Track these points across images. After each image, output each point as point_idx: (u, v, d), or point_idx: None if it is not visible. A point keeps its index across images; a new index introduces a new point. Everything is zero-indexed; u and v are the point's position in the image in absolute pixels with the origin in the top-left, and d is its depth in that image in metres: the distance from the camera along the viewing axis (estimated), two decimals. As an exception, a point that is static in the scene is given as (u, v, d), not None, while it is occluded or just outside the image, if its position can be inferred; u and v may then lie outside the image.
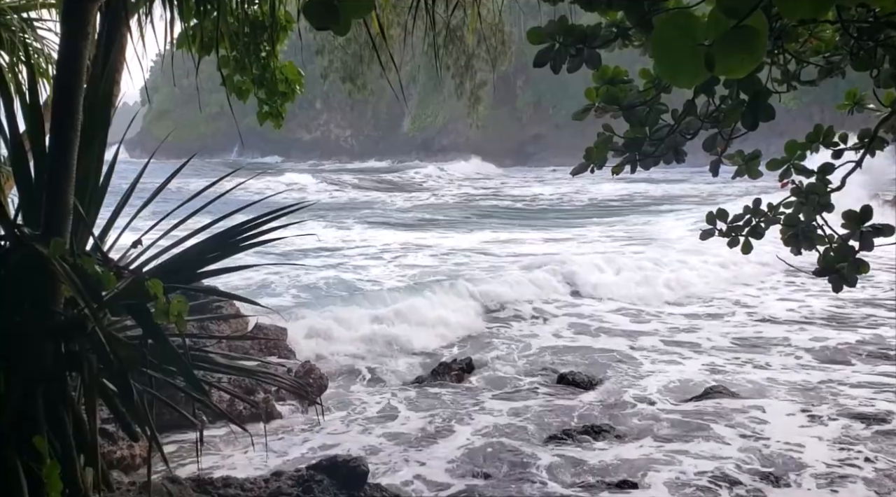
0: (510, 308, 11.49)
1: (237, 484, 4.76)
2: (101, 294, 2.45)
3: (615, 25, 2.48)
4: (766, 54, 2.56)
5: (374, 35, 3.85)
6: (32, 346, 2.56)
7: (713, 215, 3.06)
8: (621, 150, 2.77)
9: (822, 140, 2.89)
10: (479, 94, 16.83)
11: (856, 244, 2.70)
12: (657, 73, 1.37)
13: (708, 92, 2.53)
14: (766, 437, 6.29)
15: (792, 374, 8.19)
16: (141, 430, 2.71)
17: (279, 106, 4.48)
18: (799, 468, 5.70)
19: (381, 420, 7.23)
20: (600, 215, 25.78)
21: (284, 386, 5.03)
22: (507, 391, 7.92)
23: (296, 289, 12.74)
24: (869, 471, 5.63)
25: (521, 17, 16.97)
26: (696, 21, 1.04)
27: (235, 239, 3.14)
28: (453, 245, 18.03)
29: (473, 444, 6.35)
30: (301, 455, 6.22)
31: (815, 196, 2.86)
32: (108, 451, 5.27)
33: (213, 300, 6.47)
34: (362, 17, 2.69)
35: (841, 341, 9.41)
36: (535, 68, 2.57)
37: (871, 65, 2.60)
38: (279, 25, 4.19)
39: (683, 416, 6.87)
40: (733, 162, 2.92)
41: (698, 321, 10.83)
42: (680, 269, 13.58)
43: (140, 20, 3.86)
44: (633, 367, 8.58)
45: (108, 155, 3.11)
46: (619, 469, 5.72)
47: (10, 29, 4.17)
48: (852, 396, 7.34)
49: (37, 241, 2.48)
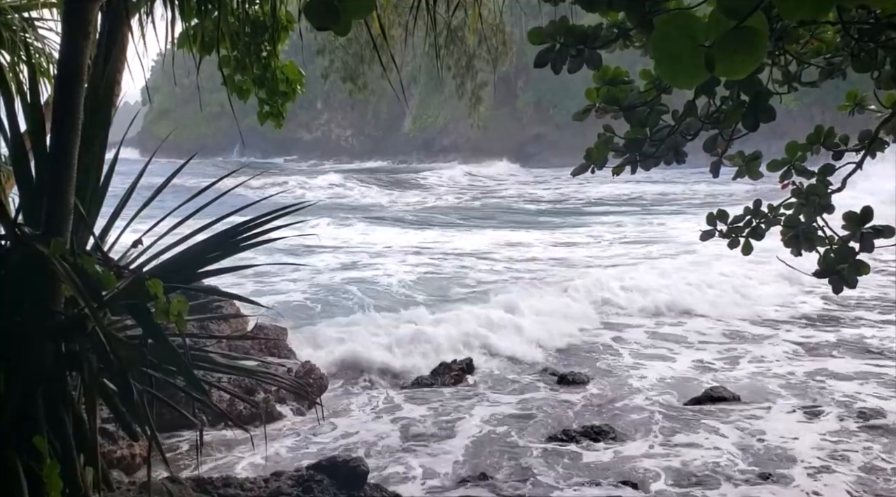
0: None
1: (237, 484, 4.76)
2: (101, 294, 2.45)
3: (616, 26, 2.48)
4: (767, 55, 2.56)
5: (376, 35, 3.86)
6: (32, 345, 2.56)
7: (713, 216, 3.06)
8: (622, 151, 2.77)
9: (822, 141, 2.89)
10: (479, 94, 16.81)
11: (856, 245, 2.69)
12: (657, 73, 1.37)
13: (709, 93, 2.53)
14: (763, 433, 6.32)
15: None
16: (141, 429, 2.71)
17: (280, 106, 4.48)
18: (791, 463, 5.74)
19: (382, 420, 7.23)
20: (607, 213, 25.60)
21: (284, 386, 5.04)
22: (507, 391, 7.92)
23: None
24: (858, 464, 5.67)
25: (523, 17, 16.96)
26: (697, 21, 1.04)
27: (236, 238, 3.14)
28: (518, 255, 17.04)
29: (474, 445, 6.36)
30: (301, 455, 6.22)
31: (816, 197, 2.86)
32: (109, 451, 5.27)
33: (213, 300, 6.46)
34: (363, 17, 2.69)
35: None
36: (535, 69, 2.57)
37: (872, 66, 2.60)
38: (280, 25, 4.19)
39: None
40: (734, 163, 2.92)
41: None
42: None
43: (141, 20, 3.86)
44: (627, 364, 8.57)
45: (108, 155, 3.11)
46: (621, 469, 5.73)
47: (12, 28, 4.17)
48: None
49: (37, 241, 2.48)
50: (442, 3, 4.20)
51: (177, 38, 4.04)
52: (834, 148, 2.89)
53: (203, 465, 5.80)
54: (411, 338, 9.42)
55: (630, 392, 7.67)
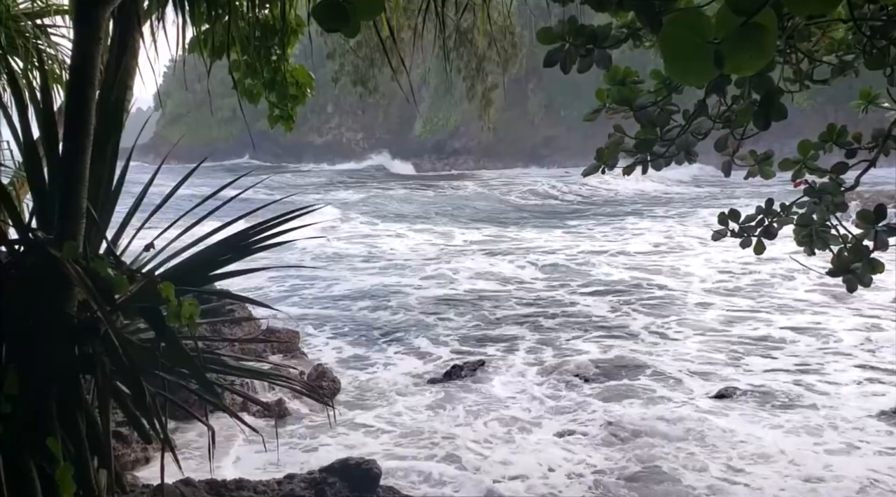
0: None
1: (250, 486, 4.78)
2: (113, 297, 2.46)
3: (626, 26, 2.47)
4: (779, 53, 2.54)
5: (385, 38, 3.86)
6: (46, 348, 2.57)
7: (725, 216, 3.03)
8: (632, 151, 2.76)
9: (835, 139, 2.86)
10: (490, 96, 16.80)
11: (870, 244, 2.67)
12: (667, 71, 1.36)
13: (719, 92, 2.51)
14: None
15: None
16: (154, 432, 2.72)
17: (290, 109, 4.48)
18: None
19: (394, 421, 7.23)
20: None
21: (297, 389, 5.04)
22: (516, 391, 7.91)
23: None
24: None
25: (532, 19, 16.95)
26: (706, 19, 1.03)
27: (248, 241, 3.15)
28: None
29: (485, 443, 6.34)
30: (313, 457, 6.23)
31: (829, 196, 2.83)
32: (122, 454, 5.30)
33: (225, 303, 6.49)
34: (372, 19, 2.69)
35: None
36: (546, 71, 2.56)
37: (885, 63, 2.58)
38: (290, 29, 4.20)
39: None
40: (745, 162, 2.90)
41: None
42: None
43: (152, 25, 3.88)
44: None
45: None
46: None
47: (24, 35, 4.20)
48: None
49: (50, 245, 2.49)
50: (451, 5, 4.20)
51: (188, 43, 4.06)
52: (847, 146, 2.86)
53: (216, 468, 5.82)
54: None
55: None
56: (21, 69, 4.16)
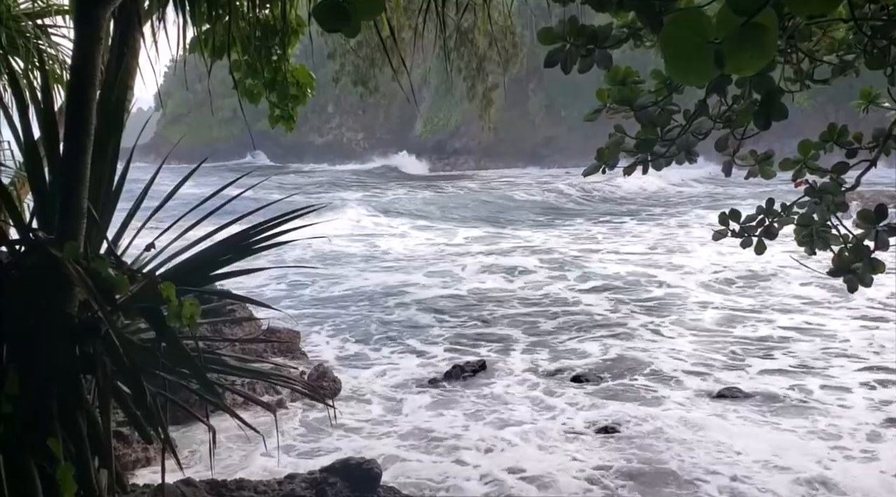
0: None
1: (251, 486, 4.78)
2: (114, 297, 2.46)
3: (626, 26, 2.47)
4: (779, 53, 2.54)
5: (385, 38, 3.86)
6: (47, 348, 2.58)
7: (725, 216, 3.03)
8: (633, 151, 2.76)
9: (836, 139, 2.86)
10: (490, 96, 16.81)
11: (871, 244, 2.66)
12: (667, 71, 1.36)
13: (720, 92, 2.51)
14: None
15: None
16: (154, 432, 2.72)
17: (290, 109, 4.49)
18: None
19: (395, 421, 7.24)
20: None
21: (297, 389, 5.04)
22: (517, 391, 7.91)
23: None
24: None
25: (532, 19, 16.95)
26: (706, 19, 1.03)
27: (248, 241, 3.16)
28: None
29: (486, 443, 6.34)
30: (314, 457, 6.23)
31: (830, 196, 2.83)
32: (123, 454, 5.30)
33: (226, 303, 6.49)
34: (372, 18, 2.69)
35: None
36: (546, 71, 2.56)
37: (885, 63, 2.57)
38: (290, 29, 4.21)
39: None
40: (746, 162, 2.89)
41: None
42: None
43: (153, 25, 3.89)
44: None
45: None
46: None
47: (25, 35, 4.20)
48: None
49: (51, 245, 2.50)
50: (451, 5, 4.20)
51: (188, 43, 4.06)
52: (847, 146, 2.86)
53: (216, 467, 5.82)
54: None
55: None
56: (22, 69, 4.16)
